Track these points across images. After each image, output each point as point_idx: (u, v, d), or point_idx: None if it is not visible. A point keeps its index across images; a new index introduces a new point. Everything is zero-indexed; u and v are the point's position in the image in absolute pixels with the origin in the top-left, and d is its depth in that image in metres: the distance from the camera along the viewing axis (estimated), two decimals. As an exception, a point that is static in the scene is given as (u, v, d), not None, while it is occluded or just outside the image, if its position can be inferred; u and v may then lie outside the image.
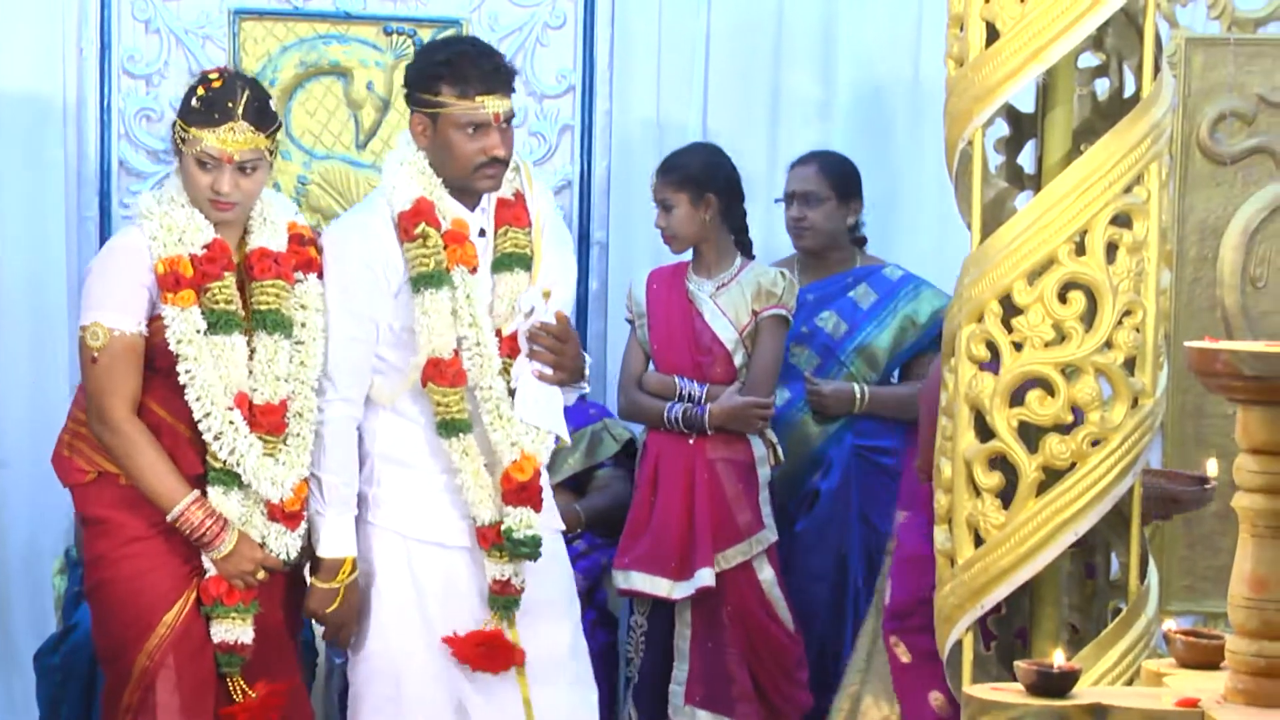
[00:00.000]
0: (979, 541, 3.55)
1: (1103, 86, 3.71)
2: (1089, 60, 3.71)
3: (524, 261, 3.58)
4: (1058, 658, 2.50)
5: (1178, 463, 4.33)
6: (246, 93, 3.45)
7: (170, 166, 4.69)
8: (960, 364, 3.55)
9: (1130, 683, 3.43)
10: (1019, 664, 2.50)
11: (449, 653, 3.54)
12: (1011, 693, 2.46)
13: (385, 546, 3.59)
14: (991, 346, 3.51)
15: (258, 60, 4.75)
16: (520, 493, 3.52)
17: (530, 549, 3.52)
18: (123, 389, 3.41)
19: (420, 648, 3.56)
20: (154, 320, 3.43)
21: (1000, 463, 3.57)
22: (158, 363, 3.43)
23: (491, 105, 3.53)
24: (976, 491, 3.54)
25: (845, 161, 4.64)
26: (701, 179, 4.30)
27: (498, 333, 3.55)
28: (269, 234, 3.52)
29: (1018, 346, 3.49)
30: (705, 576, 4.20)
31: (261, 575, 3.46)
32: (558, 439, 3.64)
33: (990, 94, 3.49)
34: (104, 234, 4.71)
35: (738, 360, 4.33)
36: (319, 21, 4.80)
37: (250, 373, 3.44)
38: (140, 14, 4.71)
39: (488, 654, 3.54)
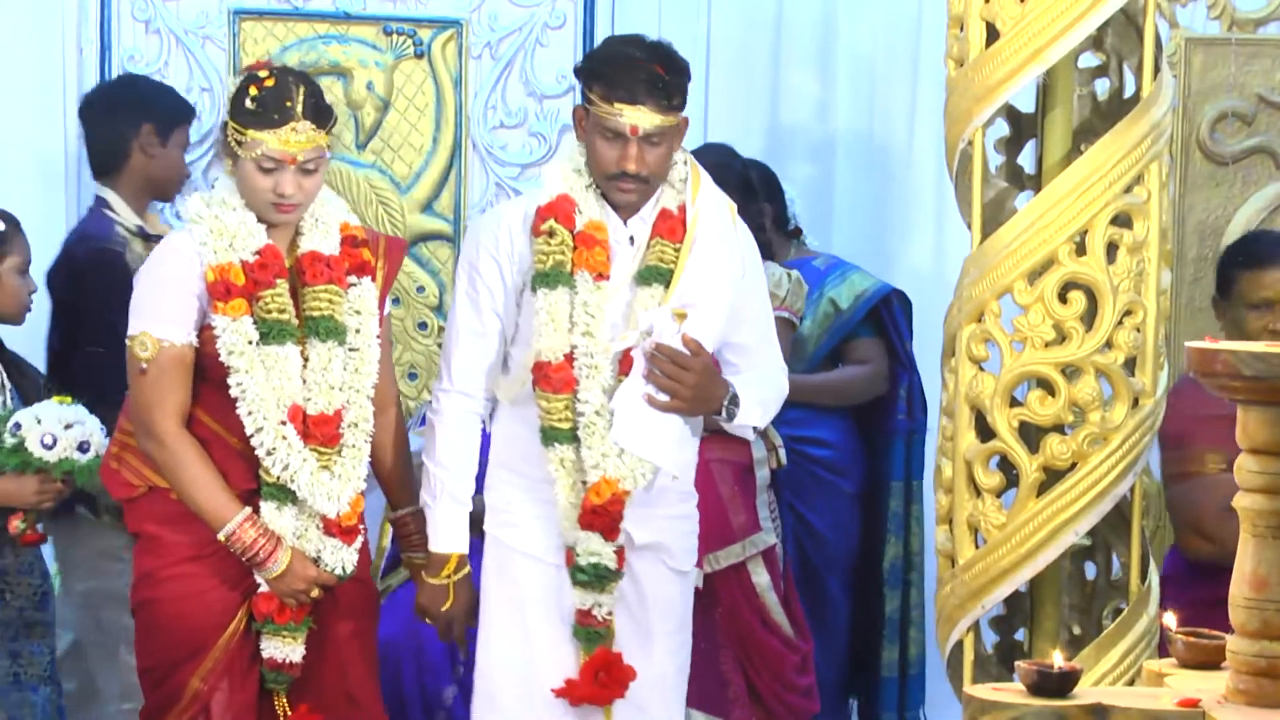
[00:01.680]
0: (980, 541, 3.56)
1: (1103, 86, 3.71)
2: (1089, 60, 3.71)
3: (663, 277, 3.33)
4: (1058, 658, 2.50)
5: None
6: (302, 89, 3.30)
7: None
8: (961, 364, 3.55)
9: (1131, 683, 3.43)
10: (1020, 664, 2.50)
11: (550, 678, 3.36)
12: (1012, 693, 2.46)
13: (496, 559, 3.41)
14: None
15: (257, 60, 4.74)
16: (593, 516, 3.29)
17: (590, 578, 3.30)
18: (171, 401, 3.28)
19: (519, 664, 3.38)
20: (205, 329, 3.30)
21: (1001, 462, 3.57)
22: (209, 373, 3.30)
23: (630, 116, 3.26)
24: (977, 491, 3.54)
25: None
26: (716, 181, 4.25)
27: (627, 350, 3.31)
28: (321, 236, 3.36)
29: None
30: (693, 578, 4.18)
31: (316, 593, 3.33)
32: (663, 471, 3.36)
33: (990, 94, 3.49)
34: (104, 234, 4.72)
35: None
36: (319, 22, 4.80)
37: (304, 382, 3.30)
38: (140, 14, 4.71)
39: (595, 690, 3.35)
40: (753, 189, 4.35)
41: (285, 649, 3.33)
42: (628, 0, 4.91)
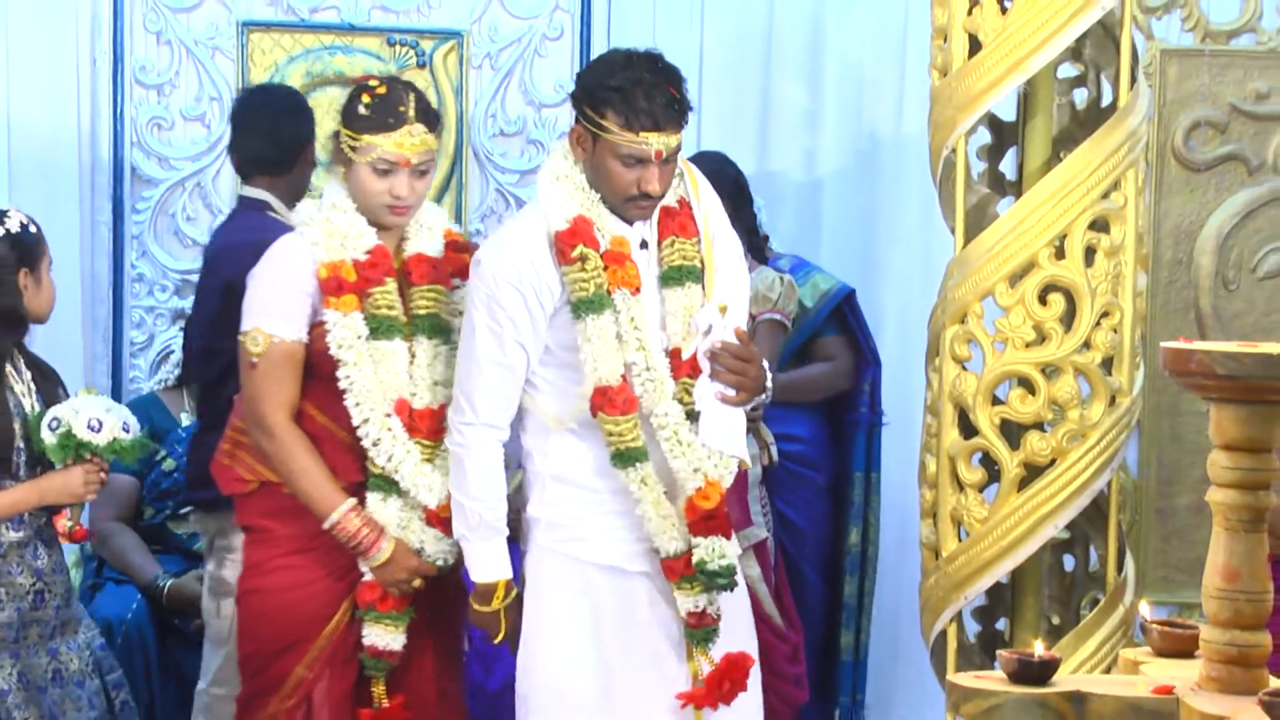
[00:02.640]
0: (963, 535, 3.56)
1: (1081, 96, 3.72)
2: (1068, 71, 3.72)
3: (694, 274, 3.24)
4: (1039, 647, 2.51)
5: (1153, 459, 4.34)
6: (412, 95, 3.31)
7: (178, 173, 4.74)
8: (944, 363, 3.56)
9: (1108, 670, 3.43)
10: (1001, 653, 2.51)
11: (626, 688, 3.24)
12: (994, 680, 2.46)
13: (560, 571, 3.27)
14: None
15: (265, 70, 4.74)
16: (708, 521, 3.19)
17: (727, 579, 3.19)
18: (280, 395, 3.29)
19: (591, 678, 3.26)
20: (315, 327, 3.30)
21: (983, 459, 3.58)
22: (318, 370, 3.30)
23: (655, 142, 3.16)
24: (960, 486, 3.55)
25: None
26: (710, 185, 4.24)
27: (675, 353, 3.22)
28: (426, 239, 3.38)
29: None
30: None
31: (417, 583, 3.32)
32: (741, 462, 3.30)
33: (973, 103, 3.50)
34: (117, 237, 4.72)
35: None
36: (324, 33, 4.80)
37: (410, 378, 3.30)
38: (151, 26, 4.71)
39: (725, 687, 3.25)
40: (746, 193, 4.35)
41: (386, 637, 3.31)
42: (624, 13, 4.91)
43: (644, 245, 3.27)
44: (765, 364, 3.31)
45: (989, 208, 3.67)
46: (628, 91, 3.16)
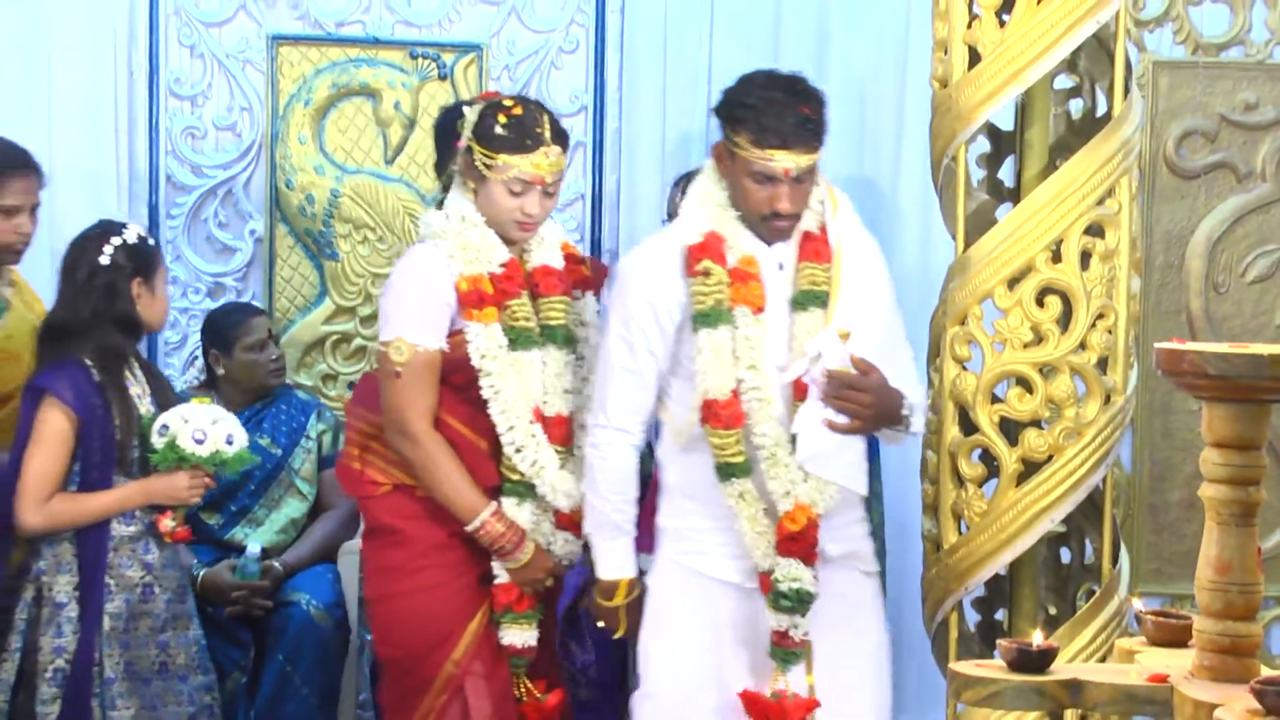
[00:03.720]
0: (963, 528, 3.56)
1: (1077, 106, 3.71)
2: (1064, 82, 3.71)
3: (820, 300, 3.16)
4: (1037, 636, 2.50)
5: (1146, 455, 4.33)
6: (546, 116, 3.31)
7: (211, 180, 4.74)
8: (945, 363, 3.55)
9: (1104, 659, 3.43)
10: (1001, 642, 2.50)
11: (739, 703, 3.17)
12: (994, 669, 2.46)
13: (682, 583, 3.22)
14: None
15: (294, 82, 4.75)
16: (791, 543, 3.12)
17: (793, 603, 3.11)
18: (422, 403, 3.27)
19: (712, 689, 3.20)
20: (450, 336, 3.29)
21: (983, 454, 3.57)
22: (451, 378, 3.29)
23: (782, 161, 3.10)
24: (960, 481, 3.54)
25: None
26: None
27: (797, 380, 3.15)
28: (548, 252, 3.36)
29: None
30: None
31: (550, 582, 3.34)
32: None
33: (972, 113, 3.50)
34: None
35: None
36: (350, 46, 4.80)
37: (542, 386, 3.30)
38: (185, 40, 4.71)
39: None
40: None
41: (524, 635, 3.33)
42: (636, 28, 4.91)
43: (781, 267, 3.20)
44: (909, 397, 3.19)
45: (988, 213, 3.66)
46: (760, 109, 3.12)
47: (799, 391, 3.13)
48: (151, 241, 3.60)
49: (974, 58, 3.52)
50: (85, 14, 4.63)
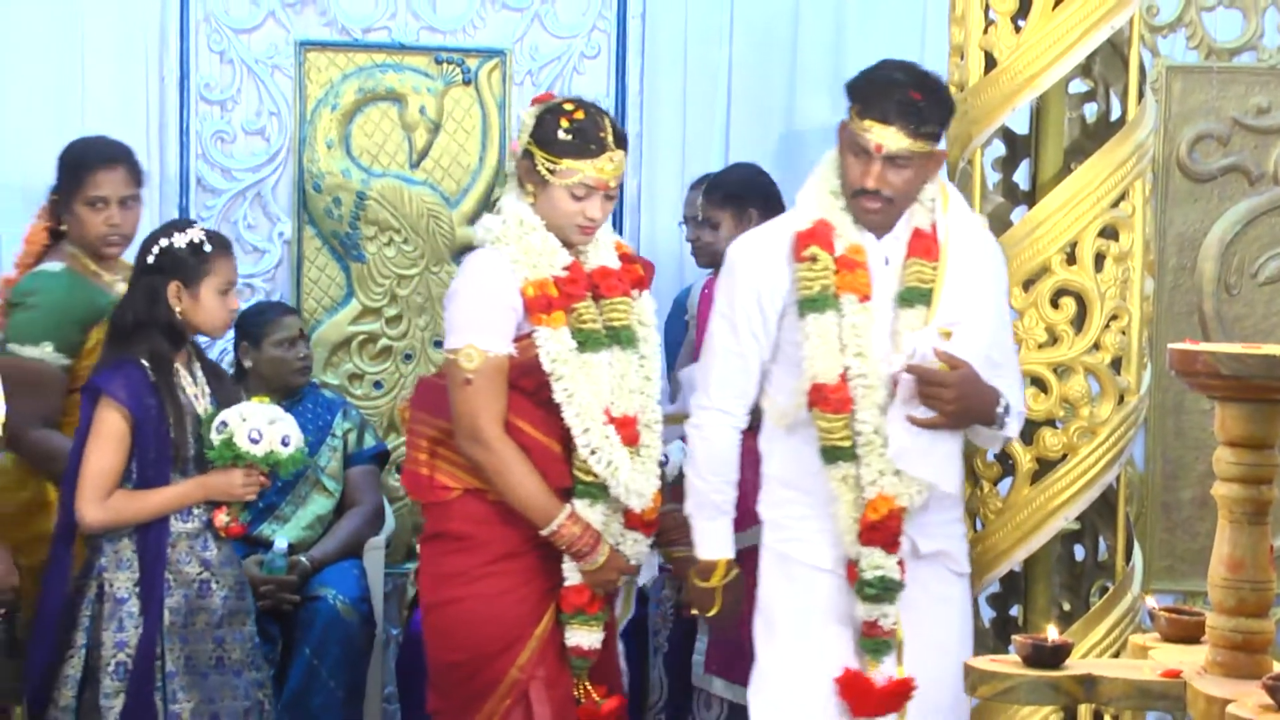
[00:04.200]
0: (979, 525, 3.55)
1: (1091, 110, 3.71)
2: (1078, 86, 3.70)
3: (925, 297, 3.12)
4: (1051, 632, 2.50)
5: (1159, 454, 4.32)
6: (608, 120, 3.26)
7: (240, 183, 4.76)
8: (961, 364, 3.54)
9: (1117, 655, 3.42)
10: (1016, 638, 2.50)
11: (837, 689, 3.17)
12: (1009, 664, 2.46)
13: (784, 571, 3.23)
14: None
15: (321, 87, 4.77)
16: (872, 531, 3.10)
17: (878, 590, 3.11)
18: (494, 408, 3.21)
19: (818, 677, 3.19)
20: (517, 340, 3.23)
21: (998, 453, 3.57)
22: (519, 382, 3.23)
23: (877, 135, 3.07)
24: (976, 479, 3.54)
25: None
26: (742, 195, 4.20)
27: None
28: (605, 254, 3.32)
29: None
30: None
31: (622, 582, 3.32)
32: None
33: (988, 117, 3.49)
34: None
35: None
36: (376, 52, 4.82)
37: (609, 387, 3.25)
38: (215, 46, 4.74)
39: (868, 700, 3.16)
40: (777, 202, 4.33)
41: (590, 636, 3.29)
42: (657, 34, 4.92)
43: (887, 262, 3.17)
44: (1005, 396, 3.15)
45: (1004, 216, 3.66)
46: (875, 83, 3.13)
47: (896, 386, 3.11)
48: (208, 247, 3.49)
49: (990, 63, 3.52)
50: (117, 21, 4.67)
